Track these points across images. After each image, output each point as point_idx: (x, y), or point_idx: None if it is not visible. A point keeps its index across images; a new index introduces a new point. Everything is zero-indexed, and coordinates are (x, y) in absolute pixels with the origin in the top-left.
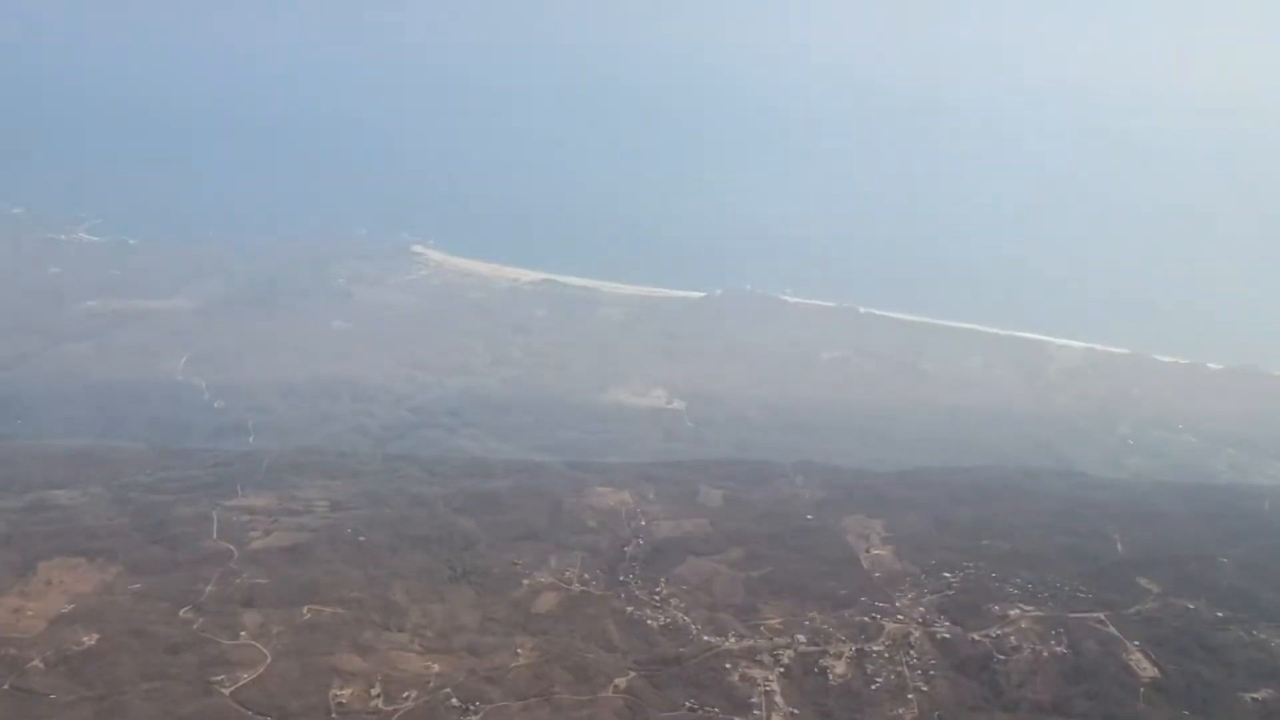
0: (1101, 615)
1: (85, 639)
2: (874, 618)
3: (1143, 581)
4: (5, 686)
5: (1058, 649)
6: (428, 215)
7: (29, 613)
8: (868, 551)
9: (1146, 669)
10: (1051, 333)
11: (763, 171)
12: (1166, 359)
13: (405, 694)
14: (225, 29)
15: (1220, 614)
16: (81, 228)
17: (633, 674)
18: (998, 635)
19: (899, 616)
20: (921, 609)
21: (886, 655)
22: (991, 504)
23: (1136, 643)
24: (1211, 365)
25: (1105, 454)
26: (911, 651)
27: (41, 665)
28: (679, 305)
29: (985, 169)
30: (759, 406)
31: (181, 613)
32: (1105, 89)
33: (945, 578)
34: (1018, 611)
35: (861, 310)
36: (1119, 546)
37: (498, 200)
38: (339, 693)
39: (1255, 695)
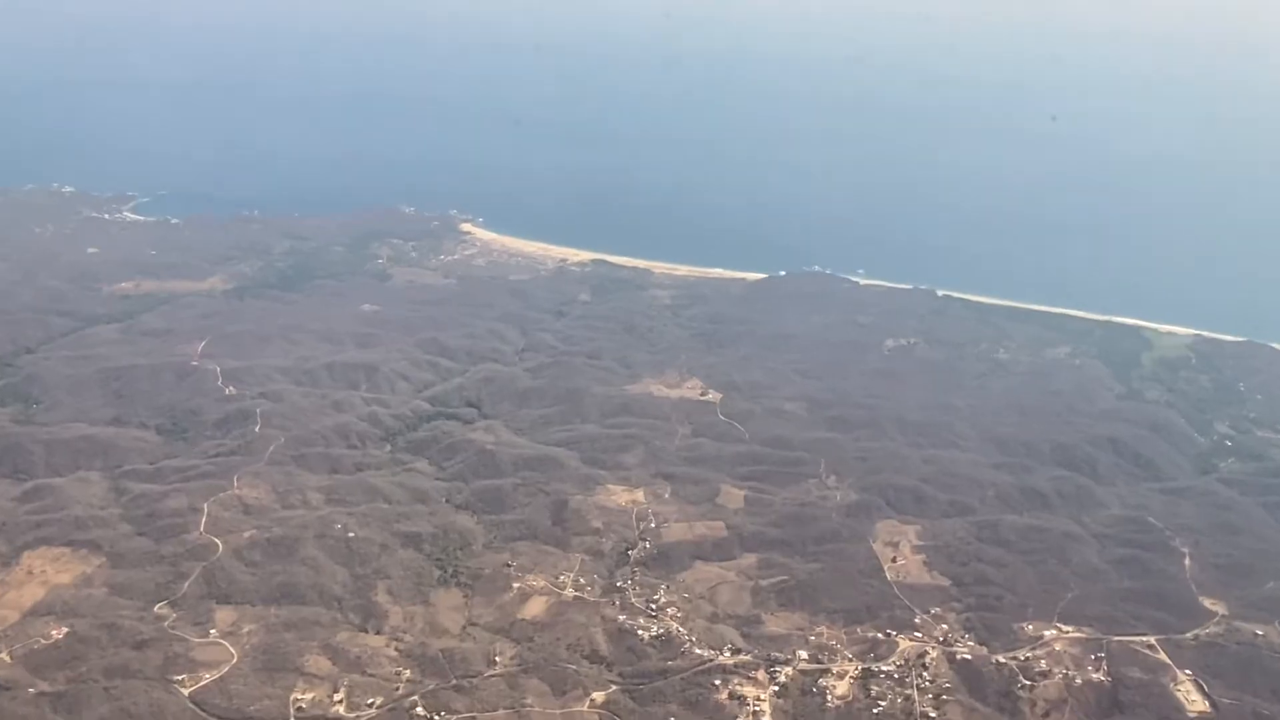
0: (1152, 639)
1: (54, 632)
2: (889, 634)
3: (1207, 602)
4: None
5: (1094, 676)
6: (481, 191)
7: (4, 604)
8: (894, 561)
9: (1196, 702)
10: (1155, 318)
11: (841, 144)
12: None
13: (370, 700)
14: None
15: None
16: (128, 207)
17: (614, 687)
18: (1026, 658)
19: (917, 634)
20: (944, 626)
21: (896, 676)
22: (1049, 511)
23: (1189, 672)
24: None
25: (1196, 457)
26: (925, 673)
27: (8, 658)
28: (735, 287)
29: (1086, 136)
30: (803, 399)
31: (156, 608)
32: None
33: (977, 592)
34: (1053, 632)
35: (940, 293)
36: (1187, 561)
37: (555, 176)
38: (300, 697)
39: None
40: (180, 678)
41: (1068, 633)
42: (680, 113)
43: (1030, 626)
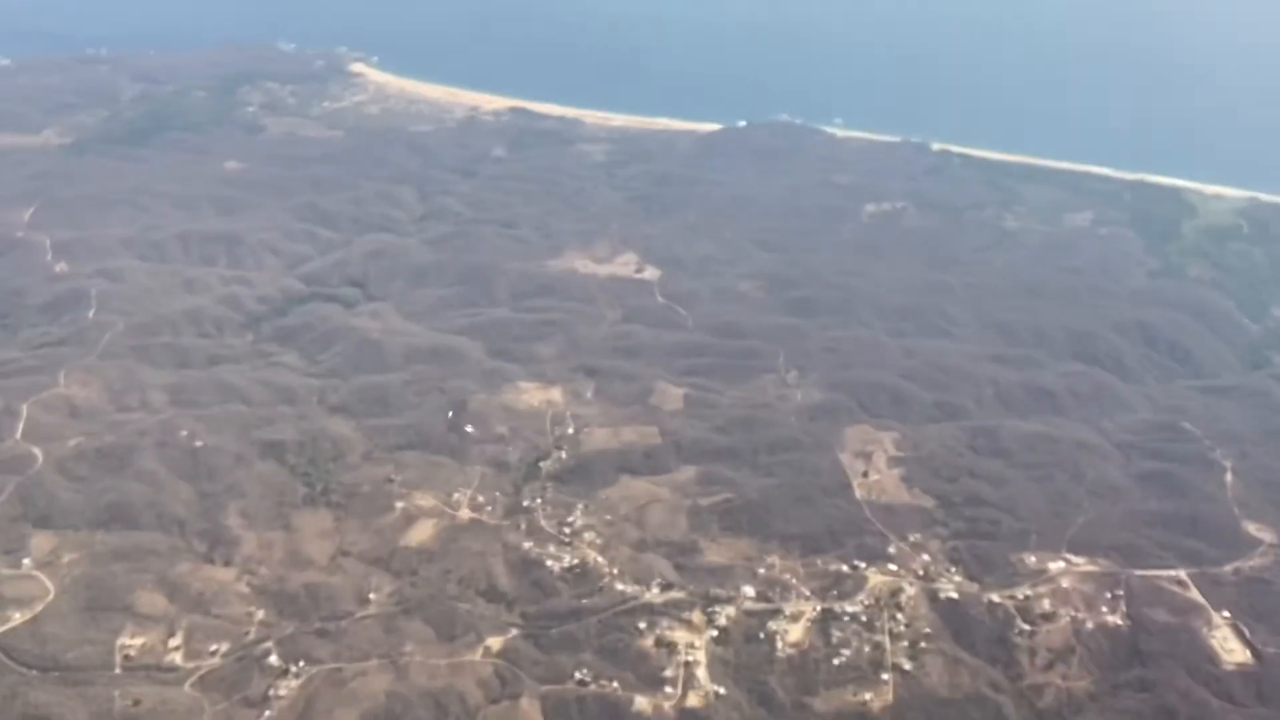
0: (1182, 573)
1: None
2: (856, 567)
3: (1253, 528)
4: None
5: (1109, 619)
6: (378, 25)
7: None
8: (865, 476)
9: (1234, 651)
10: (1200, 177)
11: None
12: None
13: (213, 647)
14: None
15: None
16: None
17: (514, 632)
18: (1026, 597)
19: (891, 566)
20: (926, 557)
21: (864, 619)
22: (1060, 415)
23: (1226, 613)
24: None
25: (1245, 348)
26: (900, 615)
27: None
28: (683, 142)
29: None
30: (761, 277)
31: None
32: None
33: (968, 515)
34: (1061, 565)
35: (935, 147)
36: (1229, 478)
37: (464, 8)
38: (128, 642)
39: None
40: None
41: (1078, 566)
42: None
43: (1032, 558)
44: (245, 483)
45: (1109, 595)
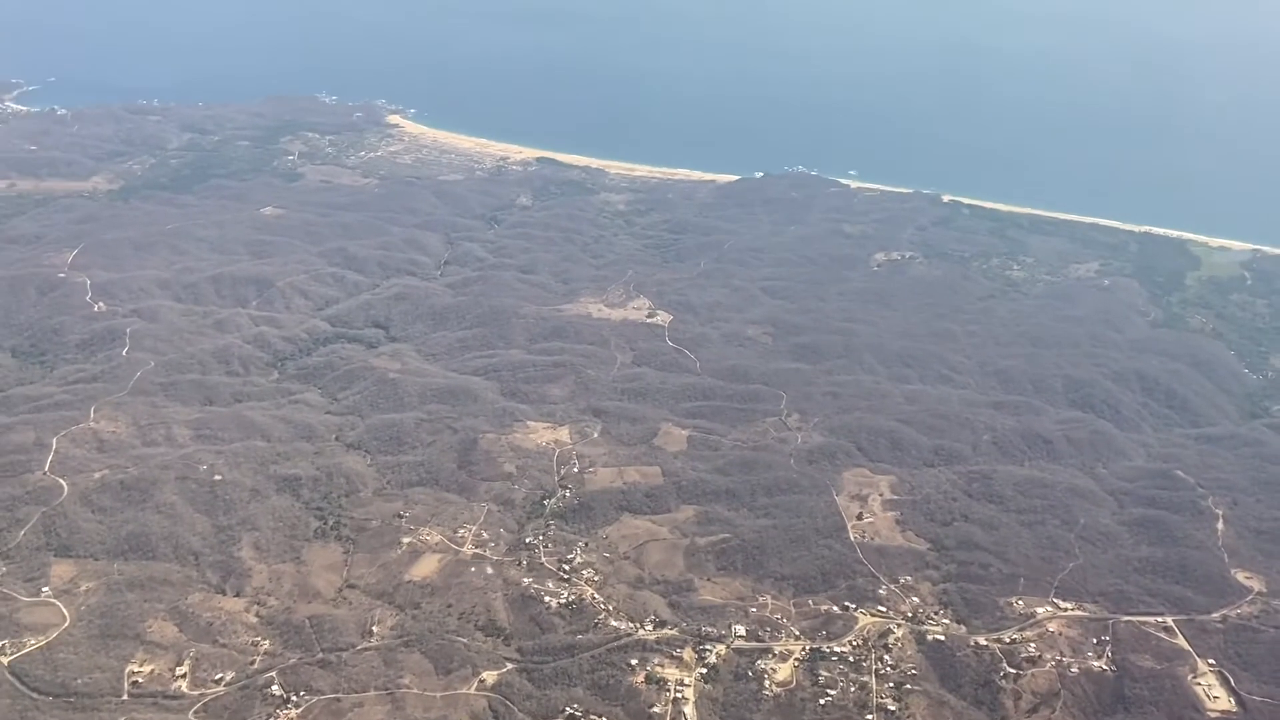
0: (1169, 620)
1: None
2: (846, 607)
3: (1241, 576)
4: None
5: (1094, 664)
6: (416, 79)
7: None
8: (860, 518)
9: (1220, 699)
10: (1206, 230)
11: (833, 25)
12: None
13: (219, 675)
14: None
15: None
16: (10, 96)
17: (509, 666)
18: (1013, 641)
19: (880, 608)
20: (915, 599)
21: (851, 660)
22: (1056, 461)
23: (1212, 661)
24: None
25: (1243, 398)
26: (887, 656)
27: None
28: (702, 191)
29: (1125, 12)
30: (768, 323)
31: None
32: None
33: (960, 558)
34: (1048, 609)
35: (946, 198)
36: (1220, 525)
37: (503, 62)
38: (137, 669)
39: None
40: (1, 643)
41: (1066, 610)
42: None
43: (1020, 602)
44: (259, 516)
45: (1095, 640)
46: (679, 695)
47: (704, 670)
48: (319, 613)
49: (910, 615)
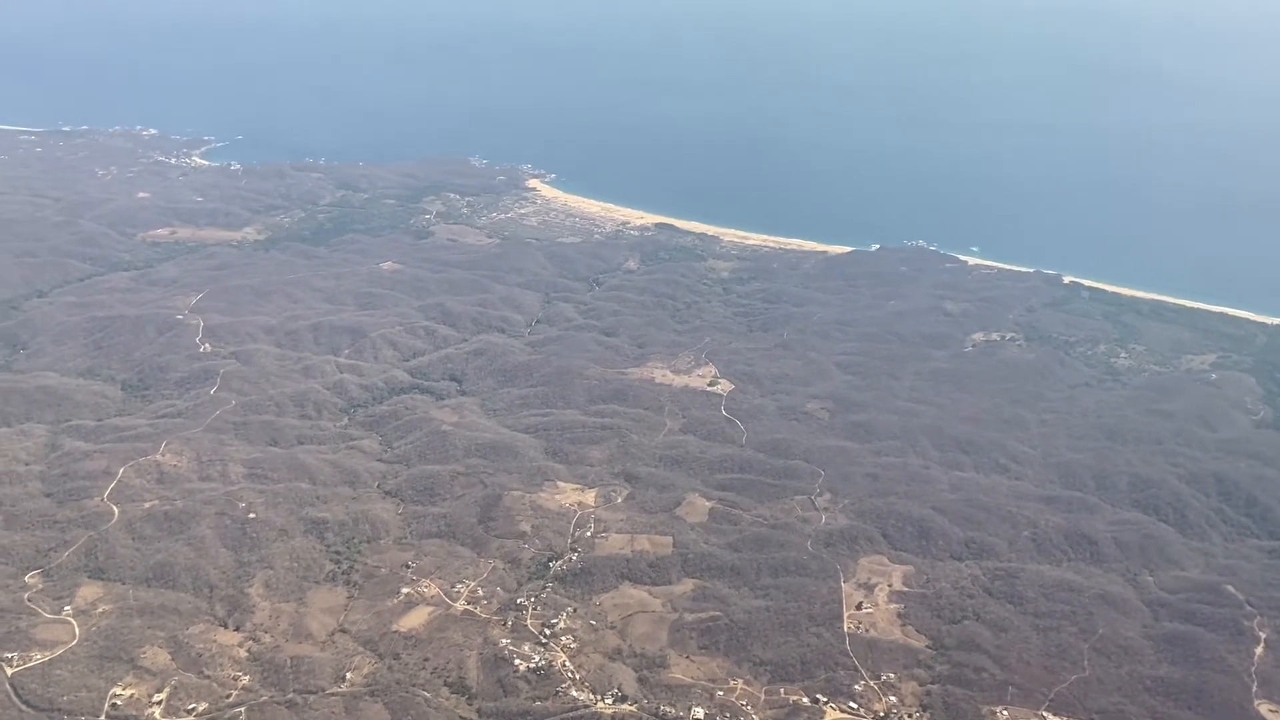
0: None
1: None
2: (817, 700)
3: (1265, 709)
4: None
5: None
6: (564, 146)
7: None
8: (859, 608)
9: None
10: None
11: (966, 100)
12: None
13: (191, 705)
14: None
15: None
16: (199, 151)
17: None
18: None
19: (852, 704)
20: (892, 699)
21: None
22: (1097, 563)
23: None
24: None
25: None
26: None
27: None
28: (810, 262)
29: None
30: (831, 399)
31: (27, 576)
32: None
33: (956, 659)
34: None
35: (1066, 279)
36: (1259, 650)
37: (645, 131)
38: (120, 693)
39: None
40: (10, 655)
41: None
42: (786, 60)
43: (1005, 712)
44: (277, 556)
45: None
46: None
47: None
48: (303, 654)
49: (882, 715)
